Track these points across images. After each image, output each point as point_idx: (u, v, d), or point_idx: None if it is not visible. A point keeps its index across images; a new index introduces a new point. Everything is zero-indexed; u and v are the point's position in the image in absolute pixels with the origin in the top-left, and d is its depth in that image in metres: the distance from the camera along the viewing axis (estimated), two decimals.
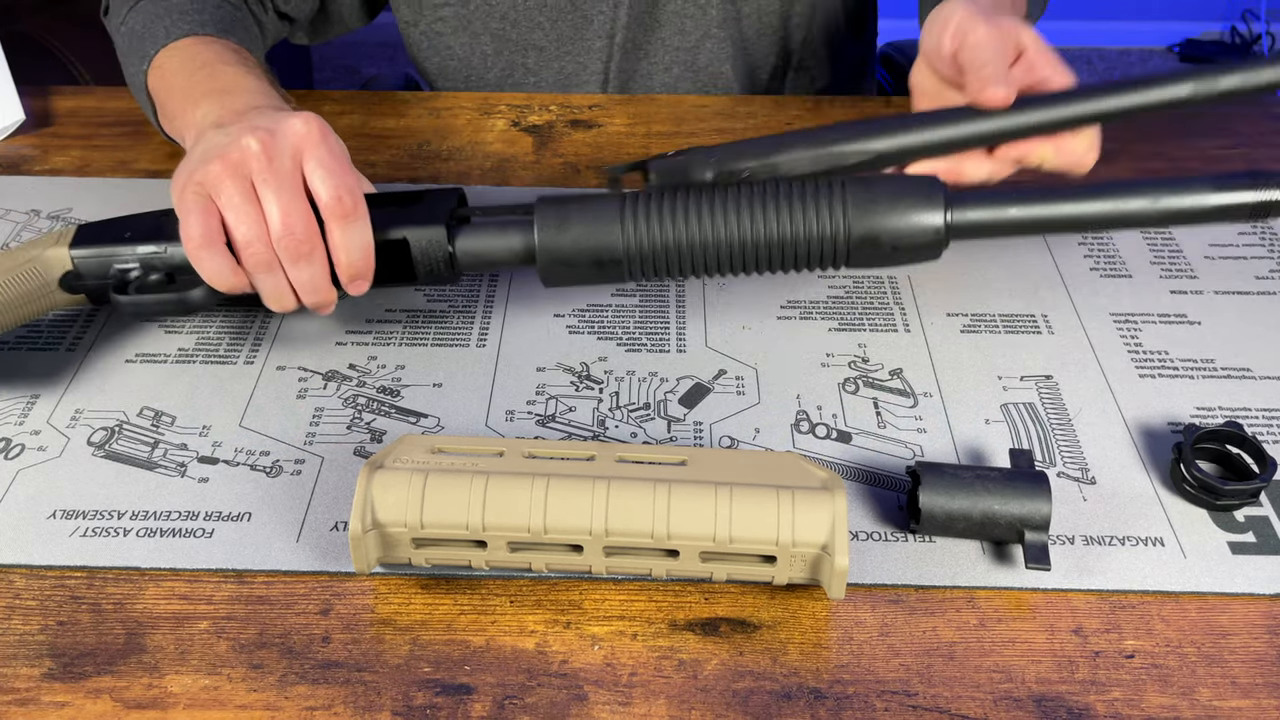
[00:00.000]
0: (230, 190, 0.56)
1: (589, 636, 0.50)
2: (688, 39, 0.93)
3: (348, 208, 0.57)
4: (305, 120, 0.58)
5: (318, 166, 0.57)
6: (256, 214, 0.56)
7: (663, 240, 0.59)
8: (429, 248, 0.61)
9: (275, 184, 0.56)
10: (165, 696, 0.48)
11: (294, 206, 0.56)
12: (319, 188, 0.57)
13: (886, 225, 0.59)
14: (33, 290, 0.61)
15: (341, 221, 0.57)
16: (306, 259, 0.57)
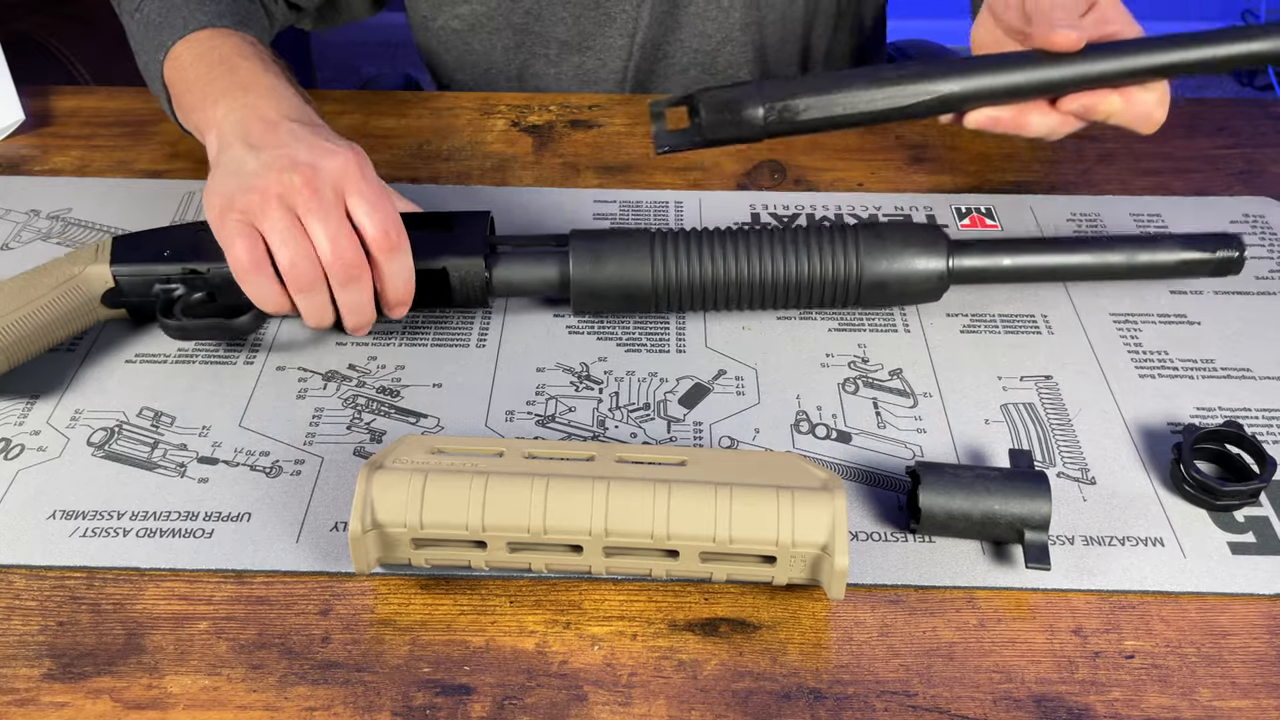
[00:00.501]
0: (275, 218, 0.58)
1: (589, 637, 0.50)
2: (708, 41, 0.92)
3: (393, 242, 0.60)
4: (345, 158, 0.60)
5: (361, 201, 0.59)
6: (303, 240, 0.58)
7: (689, 278, 0.64)
8: (467, 276, 0.64)
9: (322, 214, 0.58)
10: (165, 697, 0.48)
11: (341, 233, 0.59)
12: (364, 222, 0.59)
13: (894, 270, 0.65)
14: (76, 308, 0.63)
15: (388, 254, 0.60)
16: (355, 283, 0.60)
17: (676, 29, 0.92)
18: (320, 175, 0.59)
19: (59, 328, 0.62)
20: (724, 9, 0.91)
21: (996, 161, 0.83)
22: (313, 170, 0.59)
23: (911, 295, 0.66)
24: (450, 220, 0.66)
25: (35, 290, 0.61)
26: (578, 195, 0.79)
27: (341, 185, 0.59)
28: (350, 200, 0.59)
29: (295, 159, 0.59)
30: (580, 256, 0.64)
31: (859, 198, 0.79)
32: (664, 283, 0.64)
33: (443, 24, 0.94)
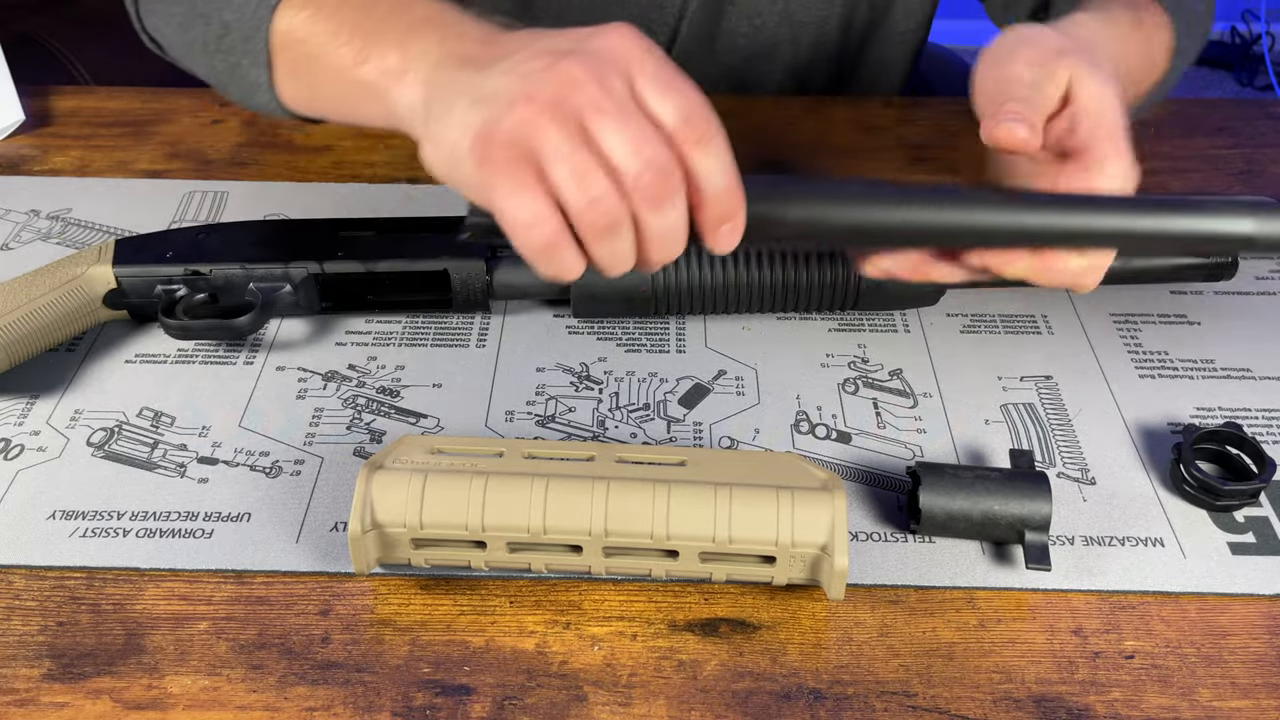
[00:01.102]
0: (558, 139, 0.43)
1: (589, 637, 0.50)
2: (737, 56, 0.92)
3: (701, 129, 0.45)
4: (620, 32, 0.46)
5: (651, 85, 0.45)
6: (599, 165, 0.43)
7: (689, 282, 0.64)
8: (469, 279, 0.64)
9: (617, 113, 0.43)
10: (165, 697, 0.48)
11: (646, 134, 0.44)
12: (662, 110, 0.44)
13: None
14: (78, 308, 0.63)
15: (699, 146, 0.45)
16: (671, 199, 0.44)
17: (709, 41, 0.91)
18: (601, 61, 0.44)
19: (60, 328, 0.62)
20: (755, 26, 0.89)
21: None
22: (590, 57, 0.44)
23: (909, 299, 0.66)
24: (452, 224, 0.67)
25: (37, 290, 0.62)
26: None
27: (629, 69, 0.45)
28: (640, 85, 0.45)
29: (559, 50, 0.45)
30: None
31: None
32: (663, 286, 0.64)
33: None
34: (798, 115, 0.88)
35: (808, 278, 0.65)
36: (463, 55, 0.47)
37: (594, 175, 0.43)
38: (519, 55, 0.45)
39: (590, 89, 0.43)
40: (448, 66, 0.47)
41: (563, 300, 0.67)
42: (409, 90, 0.49)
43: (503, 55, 0.46)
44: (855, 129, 0.86)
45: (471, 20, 0.50)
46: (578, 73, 0.43)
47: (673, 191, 0.44)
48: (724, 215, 0.46)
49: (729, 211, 0.46)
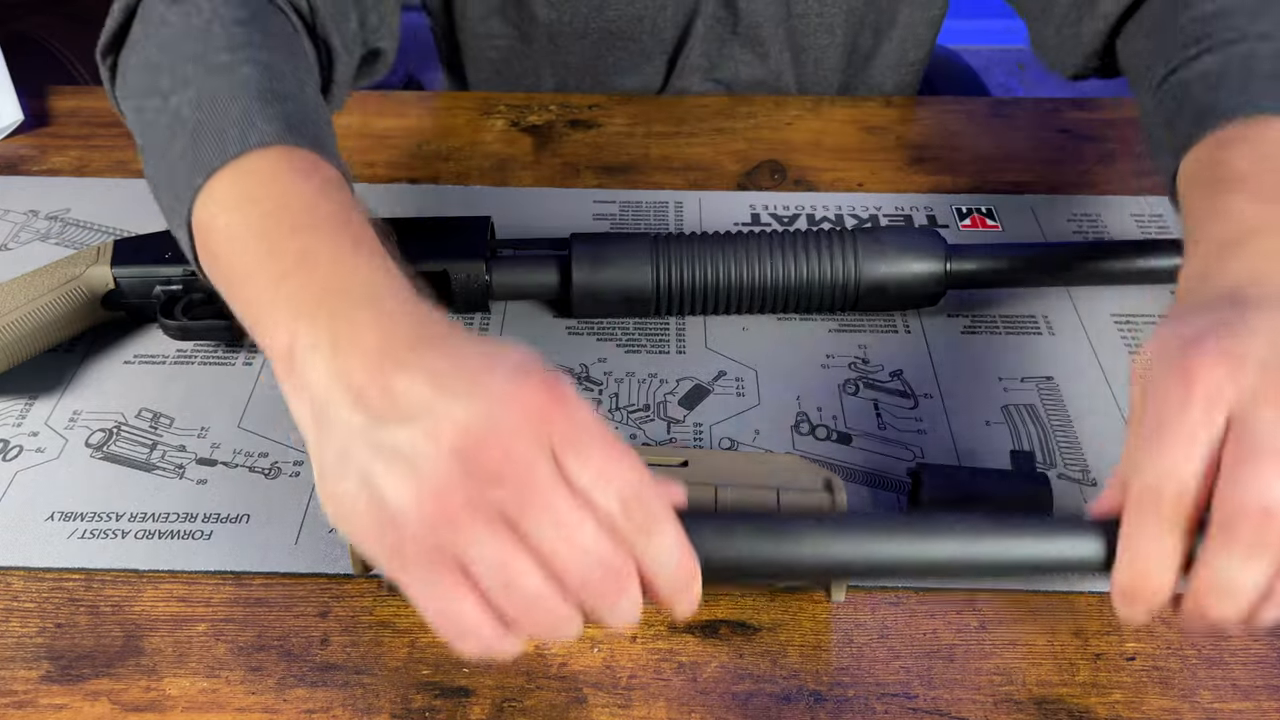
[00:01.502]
0: (483, 546, 0.36)
1: (588, 638, 0.50)
2: (740, 84, 0.92)
3: (641, 517, 0.37)
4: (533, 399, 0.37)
5: (581, 462, 0.37)
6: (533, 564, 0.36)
7: (690, 282, 0.64)
8: (468, 280, 0.64)
9: (540, 504, 0.36)
10: (163, 699, 0.47)
11: (586, 525, 0.37)
12: (595, 494, 0.37)
13: (893, 275, 0.65)
14: (76, 309, 0.63)
15: (644, 536, 0.38)
16: (619, 594, 0.38)
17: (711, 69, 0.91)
18: (514, 439, 0.36)
19: (59, 328, 0.62)
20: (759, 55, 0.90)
21: (997, 162, 0.83)
22: (499, 434, 0.36)
23: (909, 299, 0.66)
24: (451, 224, 0.67)
25: (36, 290, 0.61)
26: (577, 196, 0.79)
27: (546, 439, 0.37)
28: (568, 462, 0.37)
29: (463, 425, 0.36)
30: (581, 260, 0.64)
31: (859, 198, 0.79)
32: (664, 286, 0.64)
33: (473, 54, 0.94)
34: (798, 115, 0.88)
35: (808, 278, 0.64)
36: (350, 382, 0.37)
37: (529, 580, 0.36)
38: (423, 421, 0.36)
39: (510, 483, 0.36)
40: (338, 391, 0.37)
41: (563, 301, 0.67)
42: (294, 393, 0.40)
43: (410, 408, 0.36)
44: (855, 129, 0.86)
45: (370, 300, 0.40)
46: (493, 464, 0.35)
47: (624, 586, 0.38)
48: (679, 591, 0.40)
49: (683, 587, 0.39)
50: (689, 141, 0.85)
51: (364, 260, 0.41)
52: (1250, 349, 0.39)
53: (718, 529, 0.42)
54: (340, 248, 0.42)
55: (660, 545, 0.38)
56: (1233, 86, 0.53)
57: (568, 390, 0.38)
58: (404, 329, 0.39)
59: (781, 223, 0.76)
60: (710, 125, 0.87)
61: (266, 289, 0.41)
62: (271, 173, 0.45)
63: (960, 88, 1.10)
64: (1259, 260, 0.44)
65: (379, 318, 0.39)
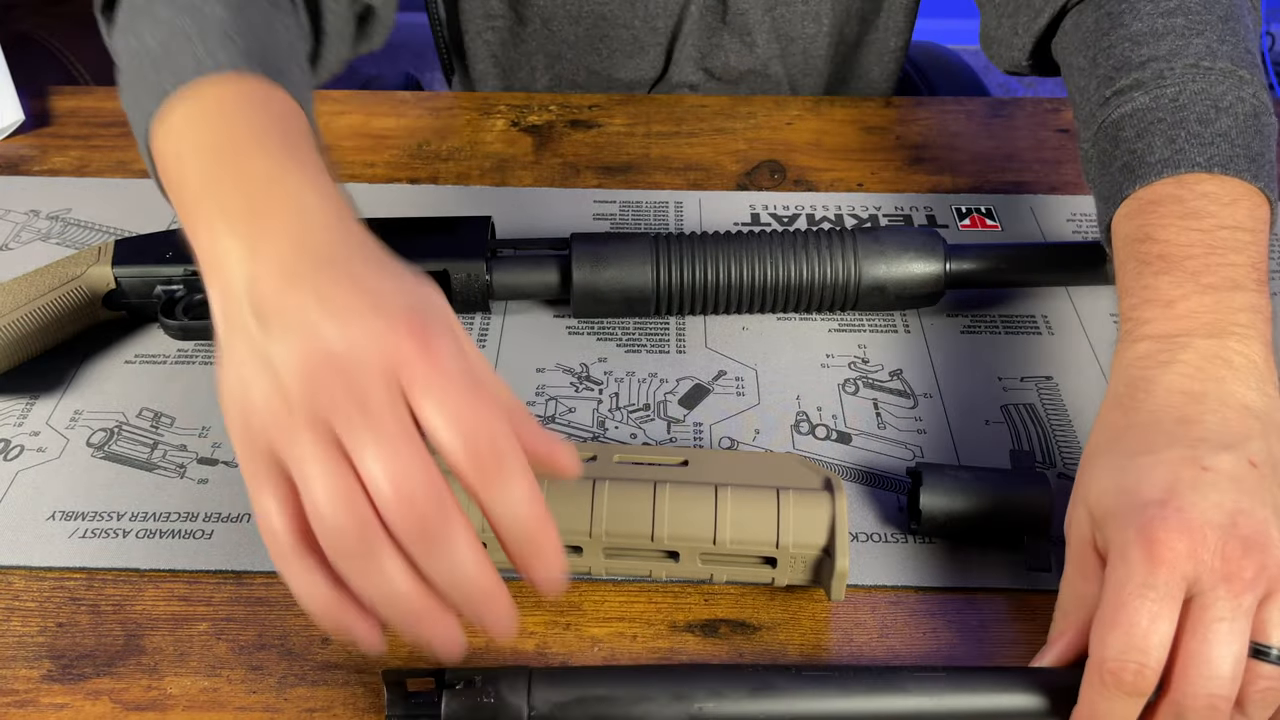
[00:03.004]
0: (304, 452, 0.37)
1: (589, 638, 0.50)
2: (731, 73, 0.93)
3: (486, 460, 0.37)
4: (395, 335, 0.38)
5: (430, 401, 0.37)
6: (342, 481, 0.37)
7: (690, 282, 0.64)
8: (469, 280, 0.65)
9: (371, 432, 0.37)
10: (164, 698, 0.48)
11: (402, 458, 0.37)
12: (440, 434, 0.37)
13: (892, 274, 0.65)
14: (77, 308, 0.63)
15: (487, 481, 0.38)
16: (441, 538, 0.37)
17: (702, 60, 0.92)
18: (365, 370, 0.37)
19: (60, 328, 0.62)
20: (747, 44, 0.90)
21: (996, 161, 0.83)
22: (353, 363, 0.38)
23: (909, 299, 0.66)
24: (452, 224, 0.67)
25: (37, 290, 0.62)
26: (577, 195, 0.79)
27: (395, 374, 0.38)
28: (415, 397, 0.38)
29: (327, 348, 0.38)
30: (581, 260, 0.64)
31: (859, 198, 0.79)
32: (664, 286, 0.64)
33: (470, 40, 0.94)
34: (798, 115, 0.88)
35: (807, 278, 0.64)
36: (255, 290, 0.40)
37: (333, 485, 0.37)
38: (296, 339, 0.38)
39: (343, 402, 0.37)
40: (242, 293, 0.40)
41: (563, 300, 0.67)
42: (213, 291, 0.43)
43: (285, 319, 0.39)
44: (855, 129, 0.86)
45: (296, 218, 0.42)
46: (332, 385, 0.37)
47: (438, 530, 0.37)
48: (529, 551, 0.39)
49: (534, 546, 0.39)
50: (689, 141, 0.85)
51: (297, 178, 0.44)
52: (1209, 518, 0.41)
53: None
54: (276, 165, 0.44)
55: (507, 493, 0.38)
56: (1161, 138, 0.54)
57: (437, 336, 0.38)
58: (318, 245, 0.41)
59: (781, 223, 0.76)
60: (710, 125, 0.87)
61: (203, 197, 0.44)
62: (222, 97, 0.47)
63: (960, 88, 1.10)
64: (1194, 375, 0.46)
65: (297, 231, 0.41)
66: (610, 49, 0.90)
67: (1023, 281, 0.68)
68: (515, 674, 0.45)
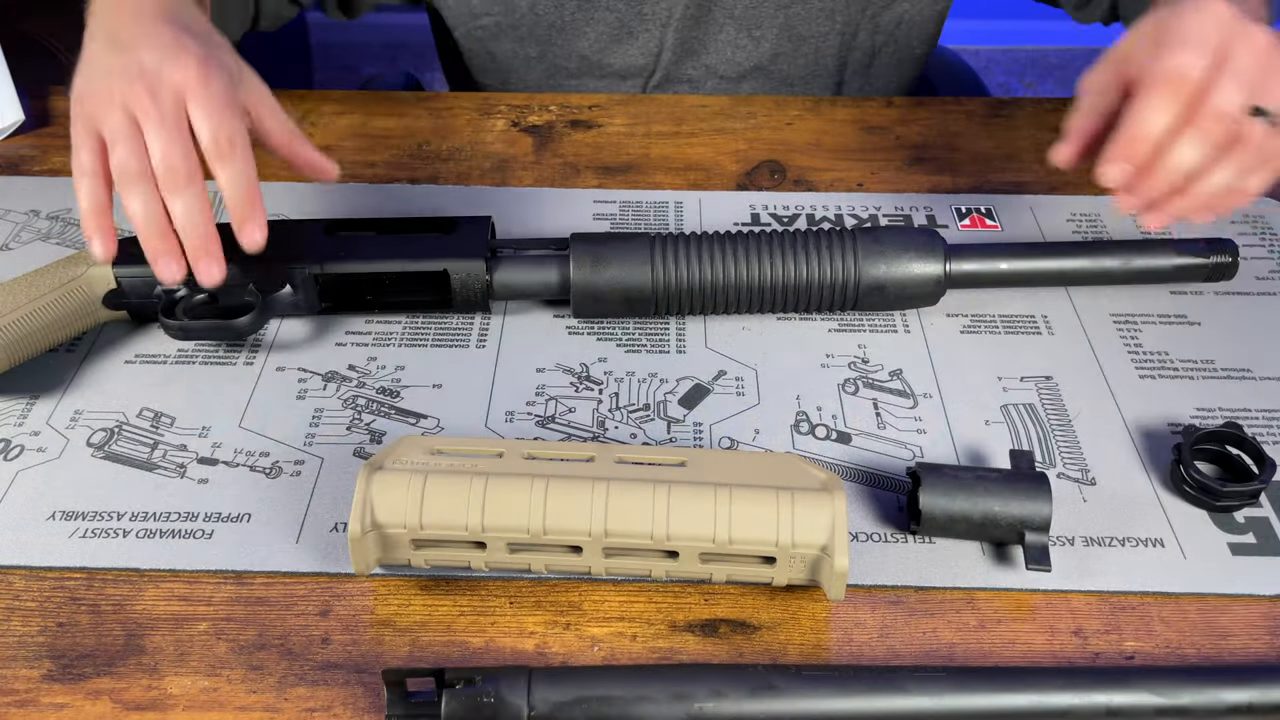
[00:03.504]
0: (115, 123, 0.58)
1: (589, 638, 0.50)
2: (736, 69, 0.92)
3: (224, 150, 0.58)
4: (189, 65, 0.58)
5: (198, 109, 0.58)
6: (135, 140, 0.58)
7: (689, 282, 0.64)
8: (468, 279, 0.65)
9: (157, 121, 0.58)
10: (165, 698, 0.48)
11: (172, 140, 0.57)
12: (200, 130, 0.58)
13: (892, 275, 0.65)
14: (77, 308, 0.63)
15: (220, 162, 0.58)
16: (184, 188, 0.58)
17: (702, 53, 0.91)
18: (162, 83, 0.58)
19: (60, 328, 0.62)
20: (754, 38, 0.90)
21: (996, 162, 0.83)
22: (156, 77, 0.58)
23: (909, 299, 0.66)
24: (452, 224, 0.67)
25: (37, 290, 0.62)
26: (578, 195, 0.79)
27: (182, 93, 0.58)
28: (190, 108, 0.58)
29: (143, 64, 0.59)
30: (580, 260, 0.64)
31: (859, 198, 0.79)
32: (664, 286, 0.64)
33: (464, 33, 0.94)
34: (798, 115, 0.88)
35: (807, 278, 0.64)
36: (111, 26, 0.62)
37: (127, 143, 0.58)
38: (126, 56, 0.59)
39: (145, 101, 0.58)
40: (101, 29, 0.62)
41: (563, 301, 0.67)
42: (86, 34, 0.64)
43: (124, 46, 0.60)
44: (855, 129, 0.86)
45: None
46: (140, 89, 0.58)
47: (183, 185, 0.58)
48: (243, 216, 0.59)
49: (246, 214, 0.59)
50: (689, 141, 0.85)
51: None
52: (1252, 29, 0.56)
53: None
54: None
55: (234, 171, 0.58)
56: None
57: (214, 71, 0.59)
58: (158, 7, 0.62)
59: (781, 223, 0.76)
60: (710, 125, 0.87)
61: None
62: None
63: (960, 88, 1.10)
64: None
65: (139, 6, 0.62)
66: (597, 32, 0.90)
67: (1024, 281, 0.68)
68: (515, 674, 0.45)
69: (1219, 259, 0.67)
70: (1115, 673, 0.47)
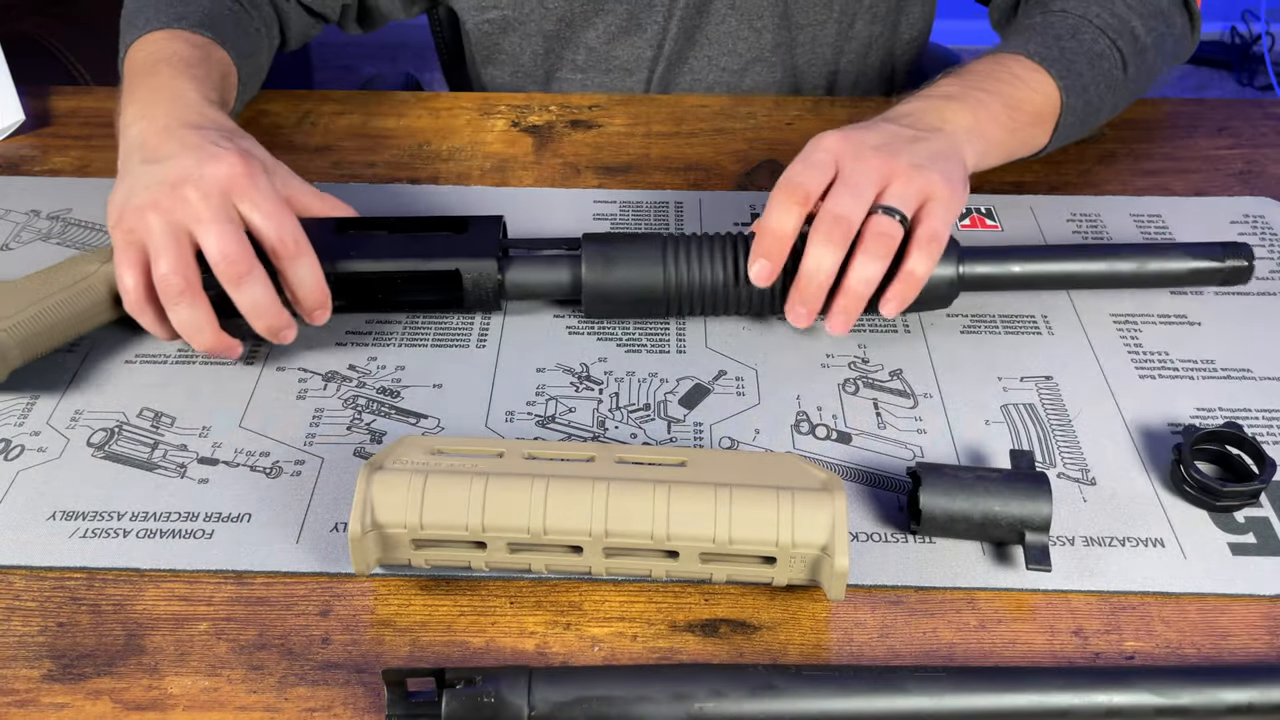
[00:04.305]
0: (156, 231, 0.59)
1: (589, 638, 0.50)
2: (737, 60, 0.92)
3: (290, 249, 0.60)
4: (230, 164, 0.60)
5: (252, 209, 0.60)
6: (177, 251, 0.58)
7: (700, 282, 0.64)
8: (480, 279, 0.65)
9: (209, 219, 0.58)
10: (165, 698, 0.48)
11: (225, 233, 0.58)
12: (258, 229, 0.60)
13: None
14: (90, 306, 0.63)
15: (289, 261, 0.60)
16: (245, 280, 0.59)
17: (704, 44, 0.92)
18: (205, 181, 0.59)
19: (73, 325, 0.62)
20: (755, 29, 0.90)
21: None
22: (199, 179, 0.59)
23: (921, 302, 0.65)
24: (464, 224, 0.67)
25: (51, 287, 0.62)
26: (578, 195, 0.79)
27: (229, 192, 0.59)
28: (241, 208, 0.59)
29: (184, 170, 0.60)
30: (592, 260, 0.64)
31: None
32: (675, 287, 0.64)
33: (471, 27, 0.94)
34: (798, 115, 0.88)
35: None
36: (142, 143, 0.64)
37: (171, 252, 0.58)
38: (162, 166, 0.61)
39: (190, 203, 0.59)
40: (134, 147, 0.64)
41: (573, 301, 0.67)
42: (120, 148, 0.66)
43: (157, 158, 0.62)
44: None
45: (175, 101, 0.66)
46: (184, 193, 0.59)
47: (244, 275, 0.59)
48: (314, 305, 0.62)
49: (318, 302, 0.62)
50: (689, 141, 0.85)
51: (184, 82, 0.68)
52: (865, 139, 0.63)
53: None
54: (171, 75, 0.69)
55: (300, 267, 0.60)
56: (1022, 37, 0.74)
57: (256, 169, 0.61)
58: (185, 117, 0.64)
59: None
60: (710, 125, 0.87)
61: (124, 99, 0.69)
62: (156, 40, 0.73)
63: None
64: (919, 103, 0.68)
65: (172, 111, 0.65)
66: (605, 24, 0.90)
67: (1036, 284, 0.68)
68: (515, 674, 0.45)
69: (1234, 263, 0.67)
70: (1115, 673, 0.47)
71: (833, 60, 0.94)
